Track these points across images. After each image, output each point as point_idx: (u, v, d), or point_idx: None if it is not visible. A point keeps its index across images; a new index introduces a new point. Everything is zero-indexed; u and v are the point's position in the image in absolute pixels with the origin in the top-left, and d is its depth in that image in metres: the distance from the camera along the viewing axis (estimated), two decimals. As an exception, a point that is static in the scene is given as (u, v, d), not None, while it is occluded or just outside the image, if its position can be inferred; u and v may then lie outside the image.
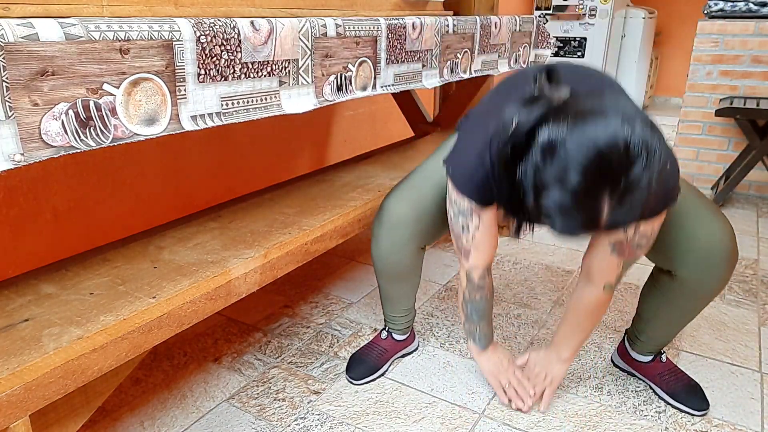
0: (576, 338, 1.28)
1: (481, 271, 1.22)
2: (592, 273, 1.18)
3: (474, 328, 1.32)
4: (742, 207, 2.81)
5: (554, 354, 1.32)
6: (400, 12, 1.54)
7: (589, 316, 1.23)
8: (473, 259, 1.21)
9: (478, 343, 1.35)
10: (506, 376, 1.34)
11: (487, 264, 1.22)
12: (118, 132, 0.83)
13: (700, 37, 2.91)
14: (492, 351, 1.36)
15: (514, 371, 1.35)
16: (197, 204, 1.99)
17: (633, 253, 1.12)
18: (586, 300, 1.22)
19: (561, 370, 1.33)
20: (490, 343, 1.35)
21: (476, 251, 1.19)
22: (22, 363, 0.81)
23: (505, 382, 1.34)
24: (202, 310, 1.04)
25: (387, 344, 1.50)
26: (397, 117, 3.16)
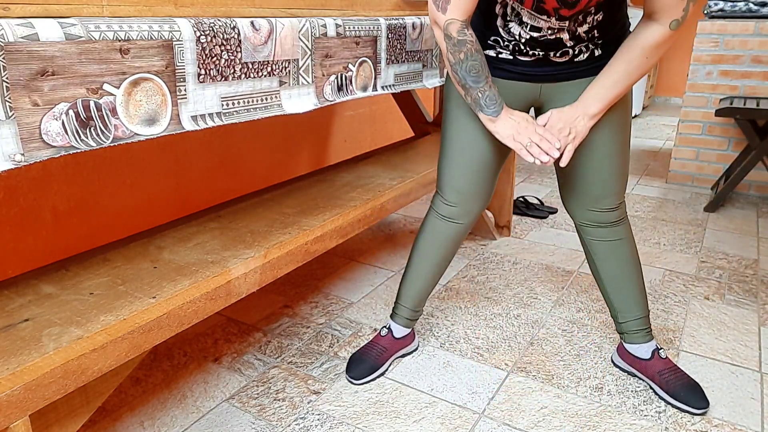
0: (615, 88, 1.16)
1: (459, 24, 1.12)
2: (657, 11, 1.08)
3: (476, 95, 1.19)
4: (742, 207, 2.81)
5: (581, 109, 1.19)
6: (400, 12, 1.54)
7: (644, 55, 1.12)
8: (450, 12, 1.11)
9: (487, 111, 1.21)
10: (527, 134, 1.21)
11: (466, 17, 1.13)
12: (119, 132, 0.83)
13: (700, 37, 2.91)
14: (506, 114, 1.22)
15: (535, 129, 1.21)
16: (197, 204, 1.99)
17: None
18: (648, 37, 1.10)
19: (585, 126, 1.21)
20: (500, 107, 1.21)
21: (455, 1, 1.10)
22: (22, 363, 0.81)
23: (526, 141, 1.20)
24: (202, 310, 1.04)
25: (386, 342, 1.50)
26: (397, 117, 3.16)
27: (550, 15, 1.11)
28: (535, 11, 1.11)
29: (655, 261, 2.16)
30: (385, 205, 1.57)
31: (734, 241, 2.37)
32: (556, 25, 1.13)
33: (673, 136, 4.47)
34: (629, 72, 1.14)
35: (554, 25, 1.13)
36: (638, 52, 1.12)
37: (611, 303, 1.44)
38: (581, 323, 1.72)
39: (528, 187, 3.14)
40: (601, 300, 1.86)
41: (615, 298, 1.42)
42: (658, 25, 1.09)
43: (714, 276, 2.04)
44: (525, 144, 1.21)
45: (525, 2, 1.10)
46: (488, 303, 1.84)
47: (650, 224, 2.56)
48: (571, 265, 2.12)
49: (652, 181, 3.23)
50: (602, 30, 1.16)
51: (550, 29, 1.14)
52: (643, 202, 2.88)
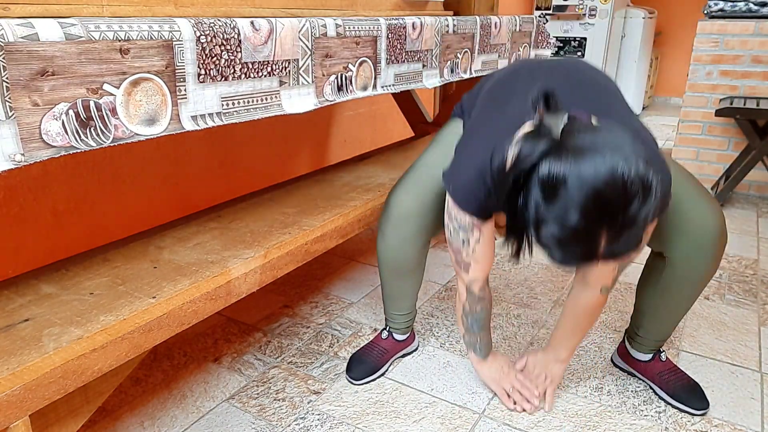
0: (573, 339, 1.30)
1: (481, 283, 1.23)
2: (588, 278, 1.19)
3: (475, 339, 1.33)
4: (742, 207, 2.81)
5: (552, 355, 1.34)
6: (400, 12, 1.54)
7: (586, 317, 1.25)
8: (473, 272, 1.21)
9: (479, 354, 1.36)
10: (509, 381, 1.35)
11: (486, 275, 1.24)
12: (119, 132, 0.83)
13: (700, 37, 2.91)
14: (492, 359, 1.38)
15: (515, 375, 1.36)
16: (197, 204, 1.99)
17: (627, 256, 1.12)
18: (583, 302, 1.23)
19: (560, 370, 1.35)
20: (490, 351, 1.37)
21: (476, 264, 1.20)
22: (22, 363, 0.81)
23: (508, 387, 1.35)
24: (202, 310, 1.04)
25: (387, 344, 1.50)
26: (397, 117, 3.16)
27: None
28: None
29: (655, 261, 2.16)
30: (385, 205, 1.56)
31: (734, 241, 2.37)
32: None
33: (673, 136, 4.47)
34: (579, 327, 1.27)
35: None
36: (579, 313, 1.25)
37: (640, 318, 1.36)
38: (581, 323, 1.72)
39: (528, 187, 3.14)
40: (601, 300, 1.86)
41: (648, 319, 1.34)
42: (591, 290, 1.20)
43: (714, 276, 2.04)
44: (507, 389, 1.34)
45: None
46: (488, 303, 1.84)
47: (650, 224, 2.55)
48: (571, 265, 2.12)
49: (652, 181, 3.23)
50: None
51: None
52: (643, 202, 2.88)
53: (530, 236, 0.88)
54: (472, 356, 1.38)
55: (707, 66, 2.93)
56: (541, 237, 0.84)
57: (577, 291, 1.24)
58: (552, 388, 1.35)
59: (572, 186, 0.79)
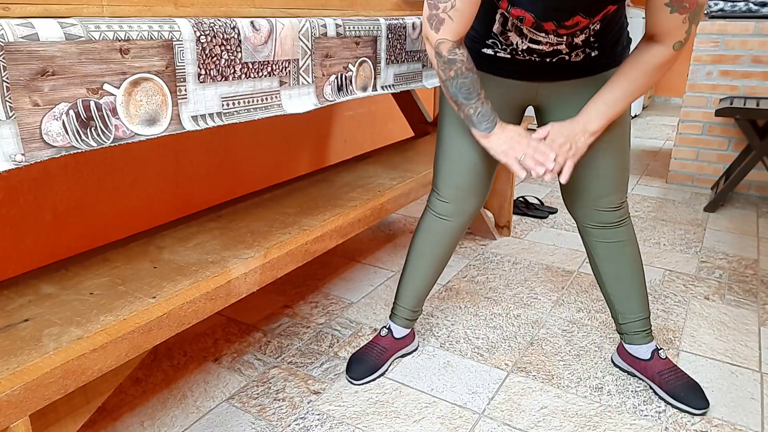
0: (616, 105, 1.15)
1: (450, 44, 1.12)
2: (658, 35, 1.07)
3: (468, 111, 1.18)
4: (742, 207, 2.81)
5: (581, 125, 1.17)
6: (400, 12, 1.54)
7: (647, 73, 1.11)
8: (443, 31, 1.11)
9: (480, 127, 1.20)
10: (520, 148, 1.18)
11: (458, 38, 1.12)
12: (119, 132, 0.83)
13: (700, 37, 2.91)
14: (500, 130, 1.20)
15: (528, 142, 1.19)
16: (197, 204, 1.99)
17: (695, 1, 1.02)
18: (652, 56, 1.09)
19: (585, 143, 1.18)
20: (494, 123, 1.19)
21: (450, 22, 1.09)
22: (22, 363, 0.81)
23: (520, 154, 1.18)
24: (202, 310, 1.04)
25: (386, 342, 1.50)
26: (397, 117, 3.16)
27: (548, 33, 1.12)
28: (534, 29, 1.12)
29: (655, 261, 2.16)
30: (385, 205, 1.57)
31: (734, 241, 2.37)
32: (554, 40, 1.14)
33: (673, 136, 4.47)
34: (631, 90, 1.13)
35: (552, 40, 1.14)
36: (642, 71, 1.11)
37: (612, 304, 1.43)
38: (581, 323, 1.72)
39: (528, 187, 3.14)
40: (601, 300, 1.86)
41: (616, 299, 1.42)
42: (662, 46, 1.08)
43: (714, 276, 2.04)
44: (518, 157, 1.18)
45: (525, 21, 1.10)
46: (488, 303, 1.84)
47: (650, 224, 2.56)
48: (571, 265, 2.12)
49: (652, 181, 3.23)
50: (599, 37, 1.16)
51: (548, 43, 1.15)
52: (643, 202, 2.88)
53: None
54: (475, 132, 1.22)
55: (707, 66, 2.93)
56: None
57: (645, 46, 1.10)
58: (573, 159, 1.18)
59: None
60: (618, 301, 1.42)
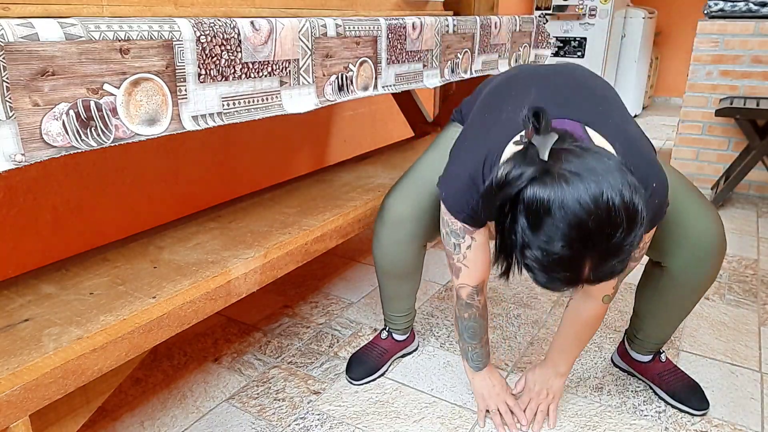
0: (573, 351, 1.25)
1: (470, 290, 1.20)
2: (590, 288, 1.14)
3: (466, 347, 1.29)
4: (742, 207, 2.81)
5: (551, 370, 1.29)
6: (400, 12, 1.54)
7: (587, 328, 1.21)
8: (462, 278, 1.19)
9: (471, 364, 1.31)
10: (495, 401, 1.30)
11: (478, 283, 1.20)
12: (119, 132, 0.83)
13: (700, 37, 2.91)
14: (486, 374, 1.32)
15: (505, 399, 1.30)
16: (197, 204, 1.99)
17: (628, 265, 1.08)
18: (585, 313, 1.18)
19: (560, 384, 1.30)
20: (484, 365, 1.31)
21: (466, 270, 1.17)
22: (22, 363, 0.81)
23: (493, 407, 1.30)
24: (202, 310, 1.04)
25: (387, 344, 1.50)
26: (397, 117, 3.16)
27: None
28: None
29: (655, 261, 2.16)
30: (385, 205, 1.56)
31: (734, 241, 2.37)
32: None
33: (673, 136, 4.47)
34: (579, 338, 1.23)
35: None
36: (580, 323, 1.20)
37: (640, 323, 1.37)
38: (581, 323, 1.72)
39: (528, 187, 3.14)
40: (601, 300, 1.86)
41: (647, 323, 1.35)
42: (591, 300, 1.16)
43: (714, 276, 2.04)
44: (491, 409, 1.30)
45: None
46: (488, 303, 1.84)
47: (650, 224, 2.56)
48: (571, 265, 2.12)
49: (652, 181, 3.23)
50: None
51: None
52: (643, 202, 2.88)
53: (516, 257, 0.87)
54: (465, 365, 1.33)
55: (707, 66, 2.93)
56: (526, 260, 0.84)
57: (578, 302, 1.19)
58: (555, 404, 1.30)
59: (556, 214, 0.78)
60: (648, 326, 1.35)
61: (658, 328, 1.33)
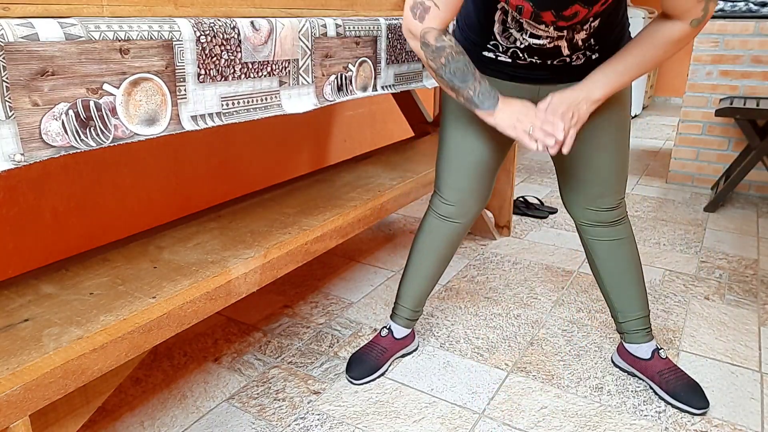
0: (623, 75, 1.10)
1: (437, 32, 1.10)
2: (675, 14, 1.04)
3: (467, 93, 1.15)
4: (742, 207, 2.81)
5: (584, 92, 1.13)
6: (400, 12, 1.54)
7: (660, 46, 1.07)
8: (428, 21, 1.09)
9: (483, 106, 1.16)
10: (528, 120, 1.14)
11: (444, 26, 1.10)
12: (119, 132, 0.83)
13: (700, 37, 2.91)
14: (503, 105, 1.16)
15: (535, 113, 1.15)
16: (197, 204, 1.99)
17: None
18: (669, 33, 1.05)
19: (587, 111, 1.14)
20: (496, 99, 1.16)
21: (436, 10, 1.07)
22: (22, 363, 0.81)
23: (528, 126, 1.14)
24: (202, 310, 1.04)
25: (387, 343, 1.50)
26: (397, 117, 3.16)
27: (547, 25, 1.11)
28: (533, 21, 1.11)
29: (655, 261, 2.16)
30: (385, 205, 1.57)
31: (734, 241, 2.37)
32: (554, 34, 1.13)
33: (673, 136, 4.47)
34: (642, 63, 1.09)
35: (552, 34, 1.13)
36: (656, 45, 1.07)
37: (611, 303, 1.43)
38: (581, 323, 1.72)
39: (528, 187, 3.14)
40: (601, 300, 1.86)
41: (615, 298, 1.42)
42: (678, 22, 1.05)
43: (714, 276, 2.04)
44: (527, 130, 1.14)
45: (523, 13, 1.09)
46: (488, 303, 1.84)
47: (650, 224, 2.56)
48: (571, 265, 2.12)
49: (652, 181, 3.23)
50: (600, 37, 1.15)
51: (548, 38, 1.14)
52: (643, 202, 2.88)
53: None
54: (480, 113, 1.18)
55: (707, 66, 2.93)
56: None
57: (661, 22, 1.06)
58: (575, 128, 1.14)
59: None
60: (617, 300, 1.42)
61: (626, 295, 1.41)
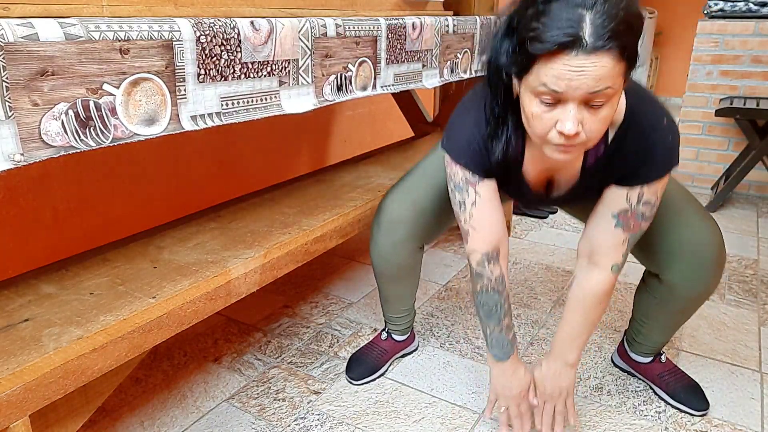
0: (582, 336, 1.14)
1: (480, 256, 1.08)
2: (597, 254, 1.07)
3: (485, 329, 1.17)
4: (742, 207, 2.81)
5: (559, 362, 1.17)
6: (400, 12, 1.54)
7: (596, 306, 1.10)
8: (471, 243, 1.09)
9: (491, 351, 1.18)
10: (507, 401, 1.20)
11: (488, 249, 1.08)
12: (118, 132, 0.83)
13: (700, 37, 2.91)
14: (509, 367, 1.17)
15: (518, 403, 1.19)
16: (197, 204, 1.99)
17: (638, 225, 1.04)
18: (594, 287, 1.08)
19: (572, 376, 1.18)
20: (507, 354, 1.16)
21: (474, 232, 1.07)
22: (22, 363, 0.81)
23: (503, 406, 1.21)
24: (202, 310, 1.04)
25: (387, 345, 1.50)
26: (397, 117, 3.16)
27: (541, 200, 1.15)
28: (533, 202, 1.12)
29: (655, 261, 2.16)
30: (385, 205, 1.56)
31: (734, 241, 2.37)
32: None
33: (673, 136, 4.46)
34: (588, 319, 1.13)
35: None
36: (589, 303, 1.11)
37: (639, 328, 1.35)
38: (581, 323, 1.72)
39: (528, 187, 3.14)
40: (601, 300, 1.86)
41: (646, 328, 1.33)
42: (600, 270, 1.08)
43: (714, 276, 2.04)
44: (500, 407, 1.20)
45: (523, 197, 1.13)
46: (488, 303, 1.84)
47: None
48: (571, 265, 2.12)
49: (652, 181, 3.23)
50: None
51: None
52: (643, 202, 2.88)
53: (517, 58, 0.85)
54: (486, 352, 1.20)
55: (707, 66, 2.93)
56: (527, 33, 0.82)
57: (584, 275, 1.10)
58: (570, 400, 1.18)
59: None
60: (647, 330, 1.33)
61: (657, 333, 1.33)
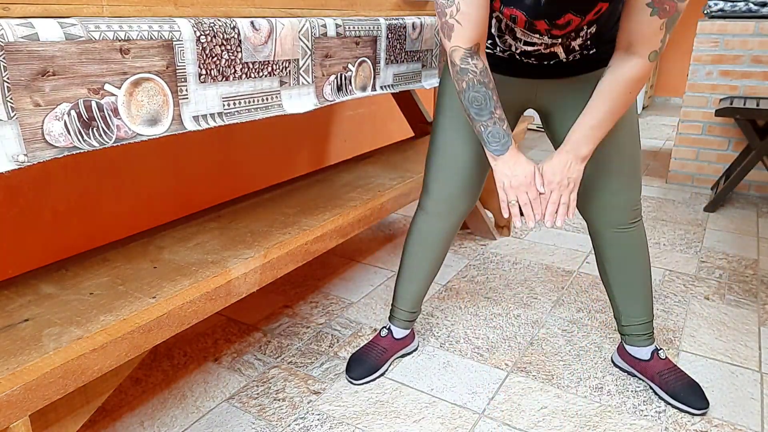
0: (601, 127, 1.11)
1: (463, 52, 1.07)
2: (636, 44, 1.04)
3: (478, 128, 1.13)
4: (742, 207, 2.81)
5: (571, 154, 1.13)
6: (400, 12, 1.54)
7: (626, 92, 1.07)
8: (454, 39, 1.06)
9: (489, 147, 1.14)
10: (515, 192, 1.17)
11: (471, 45, 1.06)
12: (121, 132, 0.83)
13: (700, 37, 2.91)
14: (509, 158, 1.14)
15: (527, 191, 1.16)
16: (197, 204, 1.99)
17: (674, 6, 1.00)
18: (628, 71, 1.05)
19: (580, 170, 1.15)
20: (505, 146, 1.13)
21: (459, 27, 1.05)
22: (22, 363, 0.81)
23: (512, 197, 1.17)
24: (202, 310, 1.04)
25: (386, 343, 1.50)
26: (397, 117, 3.16)
27: (541, 33, 1.10)
28: (527, 29, 1.11)
29: (655, 261, 2.16)
30: (385, 205, 1.57)
31: (734, 241, 2.37)
32: (548, 41, 1.12)
33: (673, 136, 4.47)
34: (614, 109, 1.10)
35: (547, 41, 1.12)
36: (620, 89, 1.08)
37: (616, 306, 1.43)
38: (581, 323, 1.72)
39: (528, 187, 3.14)
40: (601, 300, 1.86)
41: (621, 302, 1.41)
42: (638, 58, 1.05)
43: (714, 276, 2.04)
44: (509, 200, 1.17)
45: (517, 22, 1.09)
46: (488, 303, 1.84)
47: (650, 224, 2.56)
48: (571, 265, 2.13)
49: (652, 181, 3.23)
50: (596, 40, 1.15)
51: (543, 44, 1.13)
52: (643, 202, 2.88)
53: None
54: (486, 151, 1.17)
55: (707, 66, 2.93)
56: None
57: (619, 63, 1.07)
58: (575, 193, 1.17)
59: None
60: (623, 304, 1.41)
61: (632, 301, 1.40)
